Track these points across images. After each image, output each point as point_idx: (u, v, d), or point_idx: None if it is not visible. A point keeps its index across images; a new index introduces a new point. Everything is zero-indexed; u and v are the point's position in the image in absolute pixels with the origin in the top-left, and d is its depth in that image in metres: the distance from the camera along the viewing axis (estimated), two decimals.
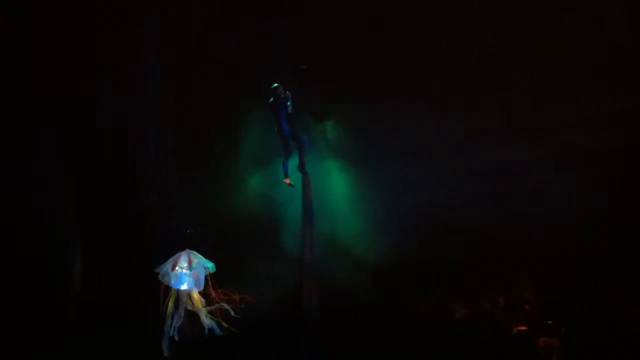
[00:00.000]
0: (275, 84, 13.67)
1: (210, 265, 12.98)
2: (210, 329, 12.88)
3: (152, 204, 14.74)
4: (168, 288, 12.93)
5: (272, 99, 13.69)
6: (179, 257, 12.96)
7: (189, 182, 14.78)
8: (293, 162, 14.06)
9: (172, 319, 12.81)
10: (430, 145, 14.22)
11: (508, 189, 13.99)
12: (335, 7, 14.98)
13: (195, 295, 12.92)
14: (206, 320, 12.90)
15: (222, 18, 15.26)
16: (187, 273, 12.88)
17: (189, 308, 12.85)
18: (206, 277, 12.98)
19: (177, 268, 12.81)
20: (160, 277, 12.89)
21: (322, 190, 14.34)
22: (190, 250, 13.06)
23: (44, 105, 14.62)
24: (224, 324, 13.00)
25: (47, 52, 14.60)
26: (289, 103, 13.61)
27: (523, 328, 12.88)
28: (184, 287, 12.83)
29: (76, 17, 14.82)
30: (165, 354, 12.71)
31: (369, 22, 14.75)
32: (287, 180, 13.96)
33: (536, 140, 14.26)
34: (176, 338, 12.72)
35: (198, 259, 12.96)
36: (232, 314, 12.98)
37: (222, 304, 12.97)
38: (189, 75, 15.00)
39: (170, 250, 13.21)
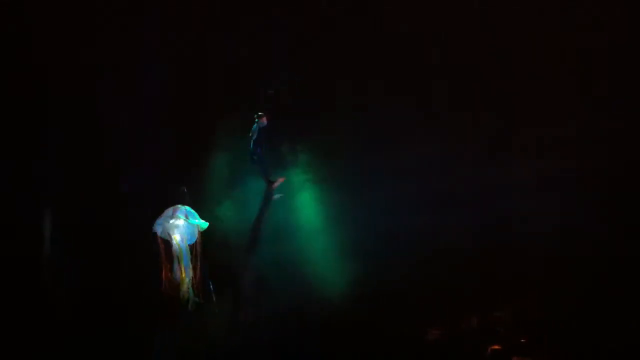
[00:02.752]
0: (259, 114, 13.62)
1: (203, 225, 12.94)
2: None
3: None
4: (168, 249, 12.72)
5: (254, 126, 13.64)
6: (177, 209, 12.95)
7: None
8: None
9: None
10: (409, 166, 13.65)
11: (488, 211, 13.33)
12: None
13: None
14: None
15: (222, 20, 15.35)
16: (184, 225, 12.89)
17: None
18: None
19: (176, 217, 12.77)
20: (159, 228, 12.84)
21: (296, 212, 14.08)
22: (186, 207, 13.08)
23: (42, 104, 14.96)
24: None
25: (47, 52, 14.94)
26: (255, 127, 13.61)
27: (497, 347, 12.37)
28: (180, 237, 12.74)
29: (77, 17, 15.15)
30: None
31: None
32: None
33: (517, 160, 13.65)
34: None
35: (193, 215, 12.94)
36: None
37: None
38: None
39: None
